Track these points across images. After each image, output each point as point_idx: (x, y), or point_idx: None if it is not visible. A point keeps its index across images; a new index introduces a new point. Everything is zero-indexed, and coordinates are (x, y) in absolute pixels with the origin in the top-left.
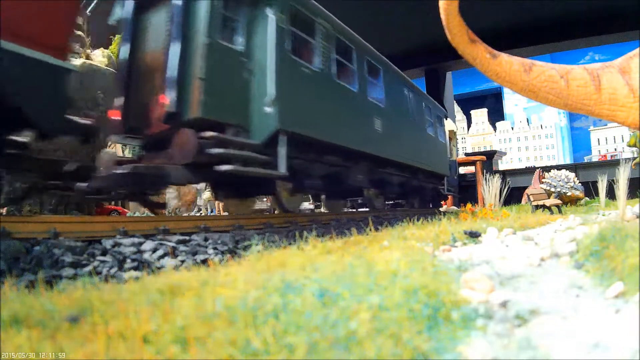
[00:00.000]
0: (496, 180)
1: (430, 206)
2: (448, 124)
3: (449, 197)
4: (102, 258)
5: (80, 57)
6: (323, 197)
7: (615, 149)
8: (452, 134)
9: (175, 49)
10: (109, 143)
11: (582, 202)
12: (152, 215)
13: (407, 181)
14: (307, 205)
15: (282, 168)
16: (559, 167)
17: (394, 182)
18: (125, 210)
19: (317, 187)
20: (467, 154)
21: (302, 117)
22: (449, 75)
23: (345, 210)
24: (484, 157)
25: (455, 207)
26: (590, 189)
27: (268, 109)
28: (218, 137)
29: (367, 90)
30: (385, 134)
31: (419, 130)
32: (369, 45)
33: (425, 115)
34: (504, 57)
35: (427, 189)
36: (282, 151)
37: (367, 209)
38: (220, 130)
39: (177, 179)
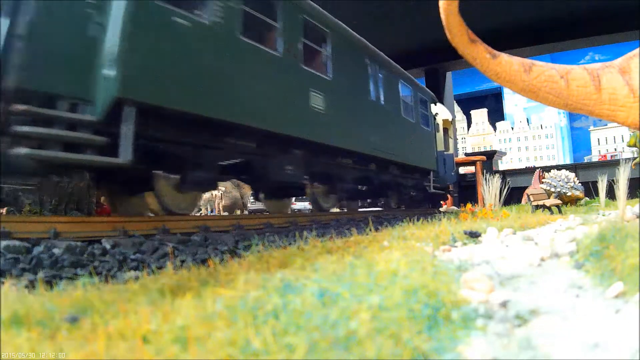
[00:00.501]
0: (496, 180)
1: (424, 206)
2: (443, 113)
3: (449, 197)
4: (102, 258)
5: None
6: (261, 196)
7: (615, 149)
8: (448, 123)
9: (8, 5)
10: None
11: (582, 202)
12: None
13: (374, 176)
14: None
15: (125, 154)
16: (559, 167)
17: (350, 177)
18: None
19: (216, 181)
20: (467, 154)
21: (173, 83)
22: (449, 75)
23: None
24: (484, 157)
25: (455, 207)
26: (590, 189)
27: (108, 72)
28: (30, 112)
29: (301, 56)
30: (333, 115)
31: (391, 114)
32: (310, 2)
33: (401, 96)
34: (504, 57)
35: (405, 186)
36: (125, 130)
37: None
38: (50, 104)
39: (15, 169)
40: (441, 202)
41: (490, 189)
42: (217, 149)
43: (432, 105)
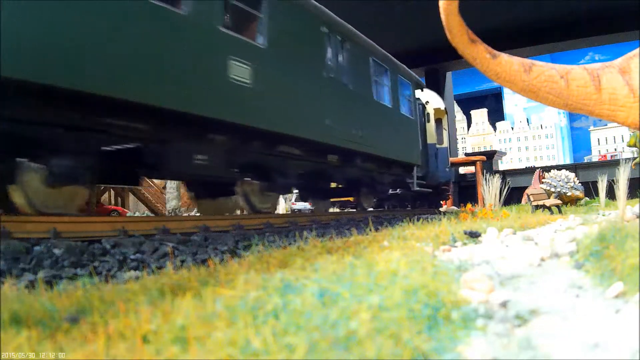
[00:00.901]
0: (496, 180)
1: (398, 206)
2: (434, 101)
3: (450, 197)
4: (102, 258)
5: None
6: (193, 194)
7: (615, 149)
8: (441, 113)
9: None
10: None
11: (582, 202)
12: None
13: (334, 170)
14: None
15: None
16: (559, 167)
17: (298, 171)
18: (125, 210)
19: (100, 173)
20: (467, 154)
21: (18, 49)
22: (449, 75)
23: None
24: (484, 157)
25: (455, 207)
26: (590, 189)
27: None
28: None
29: (220, 17)
30: (267, 92)
31: (357, 95)
32: None
33: (372, 76)
34: (504, 57)
35: (380, 183)
36: None
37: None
38: None
39: None
40: (441, 202)
41: (490, 189)
42: (94, 131)
43: (419, 91)
